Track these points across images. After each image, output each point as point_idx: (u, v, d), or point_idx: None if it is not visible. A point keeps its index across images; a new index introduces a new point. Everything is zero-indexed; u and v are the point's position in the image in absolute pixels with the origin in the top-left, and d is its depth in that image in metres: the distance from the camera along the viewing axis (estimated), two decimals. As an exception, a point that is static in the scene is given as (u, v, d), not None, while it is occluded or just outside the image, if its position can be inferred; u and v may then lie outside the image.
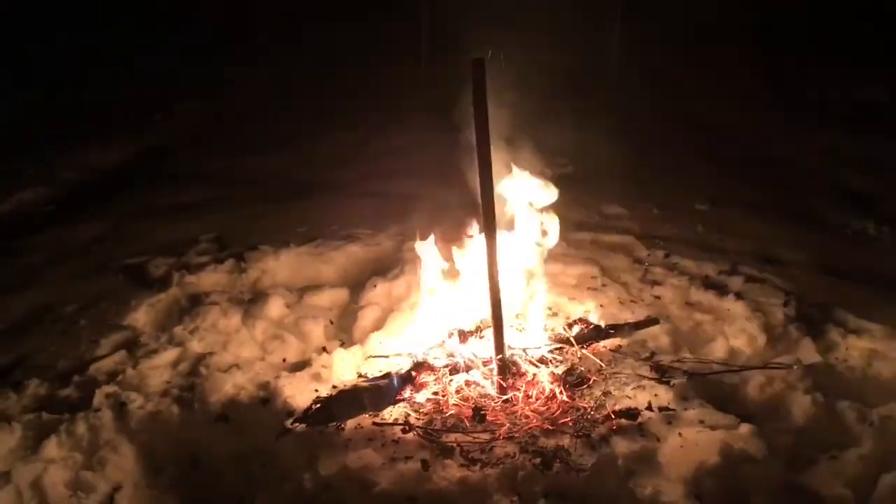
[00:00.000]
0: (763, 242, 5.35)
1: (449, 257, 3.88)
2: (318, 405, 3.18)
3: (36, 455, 3.10)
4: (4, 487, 2.93)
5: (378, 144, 8.00)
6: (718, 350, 3.89)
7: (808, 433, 3.24)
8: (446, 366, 3.50)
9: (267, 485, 3.00)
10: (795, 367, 3.56)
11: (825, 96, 9.74)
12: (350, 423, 3.18)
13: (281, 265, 4.97)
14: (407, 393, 3.36)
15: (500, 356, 3.36)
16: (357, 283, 4.71)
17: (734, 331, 4.00)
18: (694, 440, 2.96)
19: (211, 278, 4.77)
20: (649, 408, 3.21)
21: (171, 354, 3.87)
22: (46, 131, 8.28)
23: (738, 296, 4.29)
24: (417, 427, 3.14)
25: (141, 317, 4.32)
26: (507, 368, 3.40)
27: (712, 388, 3.47)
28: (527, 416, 3.20)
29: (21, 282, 4.92)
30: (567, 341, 3.68)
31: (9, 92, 9.23)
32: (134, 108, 9.46)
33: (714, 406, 3.23)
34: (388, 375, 3.38)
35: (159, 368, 3.75)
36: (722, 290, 4.39)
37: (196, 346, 3.95)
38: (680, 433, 3.01)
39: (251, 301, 4.46)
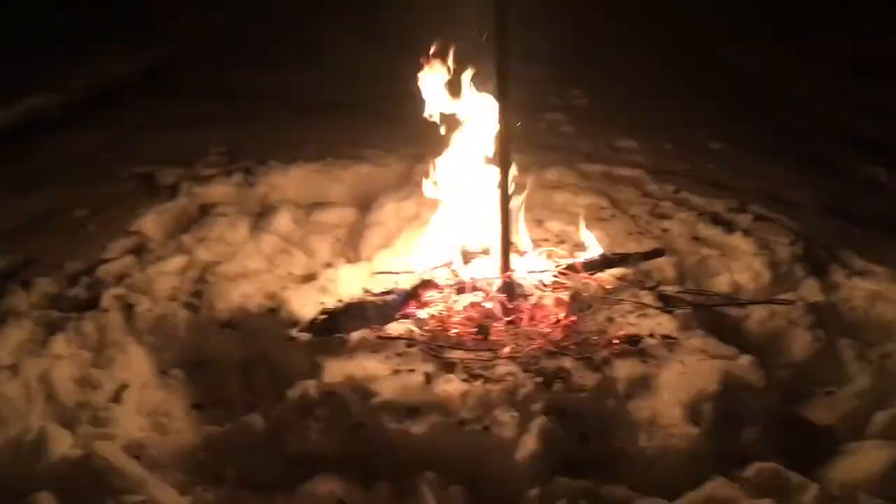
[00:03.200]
0: (774, 183, 5.33)
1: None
2: (324, 316, 3.21)
3: (44, 350, 3.14)
4: (13, 379, 2.97)
5: (397, 65, 7.88)
6: (723, 284, 3.90)
7: (806, 368, 3.29)
8: (452, 285, 3.52)
9: (271, 391, 3.06)
10: (798, 303, 3.58)
11: (841, 42, 9.56)
12: (354, 336, 3.20)
13: (290, 181, 4.97)
14: (411, 309, 3.39)
15: (505, 275, 3.37)
16: (365, 203, 4.72)
17: (740, 266, 4.01)
18: (694, 368, 2.99)
19: (219, 190, 4.78)
20: (651, 335, 3.23)
21: (178, 261, 3.89)
22: (59, 37, 8.17)
23: (746, 233, 4.29)
24: (421, 342, 3.17)
25: (149, 224, 4.34)
26: (512, 289, 3.43)
27: (715, 319, 3.49)
28: (530, 338, 3.23)
29: (29, 185, 4.94)
30: (573, 268, 3.69)
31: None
32: (150, 18, 9.32)
33: (716, 337, 3.25)
34: (393, 291, 3.41)
35: (167, 274, 3.77)
36: (730, 227, 4.39)
37: (203, 255, 3.97)
38: (681, 360, 3.03)
39: (259, 215, 4.47)
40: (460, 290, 3.50)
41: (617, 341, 3.17)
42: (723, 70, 8.65)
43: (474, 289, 3.49)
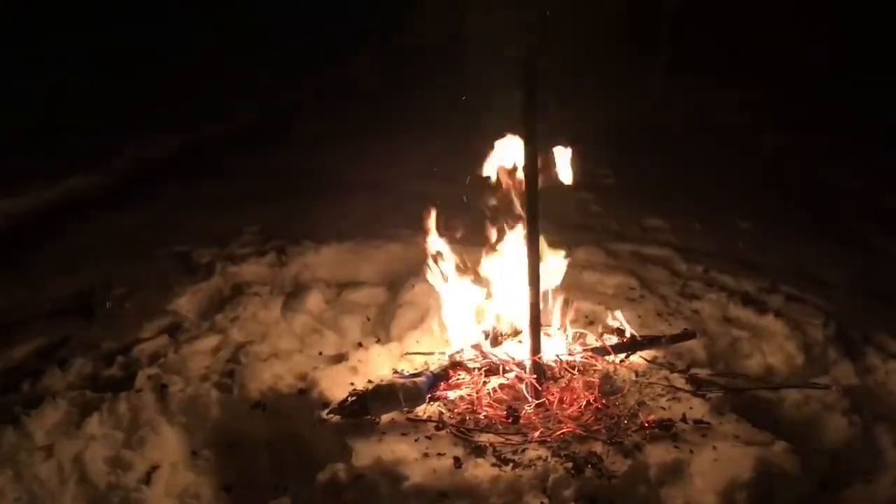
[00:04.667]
0: (805, 262, 5.30)
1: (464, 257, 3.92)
2: (354, 398, 3.22)
3: (78, 431, 3.18)
4: (47, 461, 3.01)
5: (423, 147, 8.04)
6: (755, 366, 3.87)
7: (843, 454, 3.23)
8: (481, 367, 3.53)
9: (301, 473, 3.05)
10: (833, 387, 3.53)
11: (873, 118, 9.60)
12: (384, 418, 3.21)
13: (321, 261, 5.04)
14: (441, 391, 3.39)
15: (535, 356, 3.38)
16: (396, 282, 4.76)
17: (772, 348, 3.98)
18: (728, 454, 2.95)
19: (253, 270, 4.86)
20: (684, 420, 3.20)
21: (211, 341, 3.95)
22: (100, 119, 8.48)
23: (778, 314, 4.27)
24: (451, 425, 3.17)
25: (184, 303, 4.41)
26: (542, 372, 3.42)
27: (748, 404, 3.45)
28: (560, 422, 3.21)
29: (68, 264, 5.05)
30: (603, 350, 3.69)
31: (65, 80, 9.47)
32: (186, 100, 9.64)
33: (749, 422, 3.21)
34: (423, 373, 3.42)
35: (200, 354, 3.83)
36: (761, 308, 4.37)
37: (236, 335, 4.02)
38: (714, 446, 3.00)
39: (291, 294, 4.53)
40: (490, 371, 3.51)
41: (648, 426, 3.15)
42: (750, 147, 8.71)
43: (504, 371, 3.50)
